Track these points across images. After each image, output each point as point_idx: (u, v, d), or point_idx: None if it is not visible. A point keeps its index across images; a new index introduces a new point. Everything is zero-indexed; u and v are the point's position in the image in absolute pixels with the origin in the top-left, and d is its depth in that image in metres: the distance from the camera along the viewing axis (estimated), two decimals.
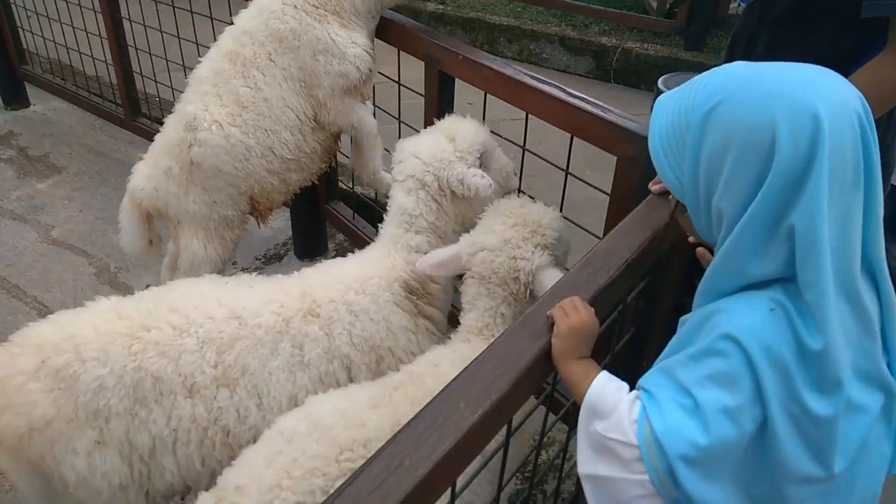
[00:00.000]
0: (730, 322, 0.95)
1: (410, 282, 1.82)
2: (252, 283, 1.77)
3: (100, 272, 3.12)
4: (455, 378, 1.01)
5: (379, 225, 1.96)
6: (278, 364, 1.64)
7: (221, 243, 2.40)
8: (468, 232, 1.77)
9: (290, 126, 2.28)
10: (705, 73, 1.01)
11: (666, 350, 1.08)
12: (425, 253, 1.82)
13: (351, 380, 1.72)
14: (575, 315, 1.09)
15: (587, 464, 1.03)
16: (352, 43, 2.21)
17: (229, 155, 2.24)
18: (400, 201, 1.86)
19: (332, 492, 0.87)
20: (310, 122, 2.32)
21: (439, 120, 1.98)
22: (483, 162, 1.90)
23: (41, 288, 3.02)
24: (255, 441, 1.49)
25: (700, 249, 1.32)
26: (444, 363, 1.57)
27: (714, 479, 0.95)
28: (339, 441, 1.36)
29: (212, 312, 1.64)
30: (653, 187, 1.44)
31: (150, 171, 2.30)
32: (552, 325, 1.10)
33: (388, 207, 1.93)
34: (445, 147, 1.83)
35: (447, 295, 1.94)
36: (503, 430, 1.10)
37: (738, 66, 0.98)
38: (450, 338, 1.73)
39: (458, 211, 1.87)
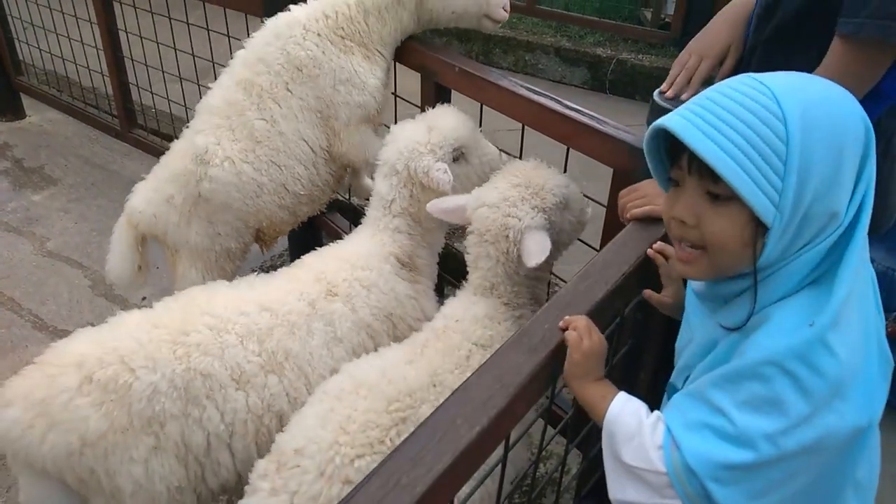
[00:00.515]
0: (769, 344, 0.93)
1: (401, 256, 1.94)
2: (261, 281, 1.86)
3: (95, 284, 3.11)
4: (452, 393, 1.00)
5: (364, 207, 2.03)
6: (316, 343, 1.73)
7: (221, 274, 2.36)
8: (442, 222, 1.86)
9: (304, 160, 2.24)
10: (746, 83, 0.94)
11: (696, 370, 1.07)
12: (408, 234, 1.94)
13: (375, 348, 1.80)
14: (588, 340, 1.10)
15: (616, 489, 1.03)
16: (372, 75, 2.17)
17: (240, 192, 2.20)
18: (377, 185, 1.96)
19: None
20: (324, 154, 2.28)
21: None
22: (462, 155, 1.94)
23: (36, 301, 3.01)
24: None
25: (647, 291, 1.33)
26: (466, 318, 1.66)
27: (762, 495, 0.94)
28: (387, 394, 1.44)
29: (243, 309, 1.71)
30: (632, 212, 1.42)
31: (151, 195, 2.25)
32: (563, 347, 1.10)
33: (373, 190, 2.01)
34: (420, 138, 1.88)
35: (433, 268, 2.05)
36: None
37: (782, 75, 0.95)
38: (457, 291, 1.81)
39: (429, 199, 1.89)
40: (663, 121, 0.96)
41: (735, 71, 1.73)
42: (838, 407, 0.91)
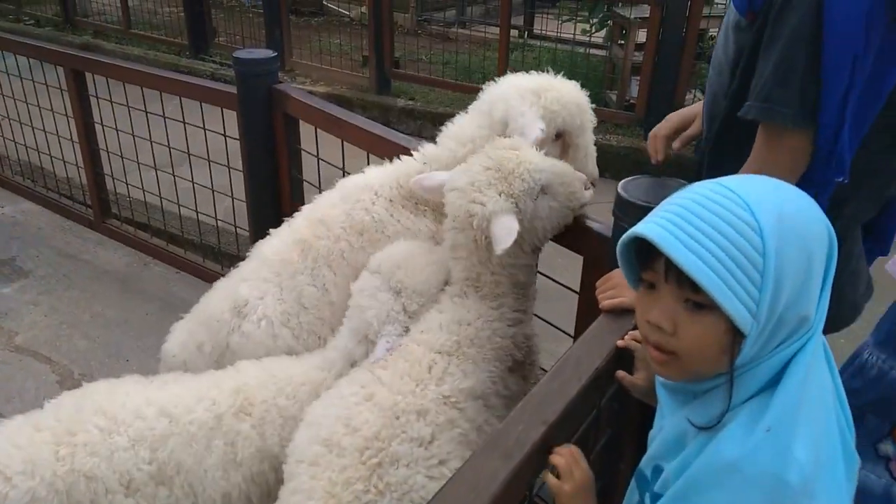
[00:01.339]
0: (729, 450, 0.93)
1: None
2: (178, 381, 1.76)
3: (63, 379, 3.02)
4: None
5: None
6: (213, 462, 1.63)
7: None
8: None
9: None
10: (717, 191, 0.94)
11: (668, 469, 1.05)
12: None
13: (278, 481, 1.65)
14: (576, 474, 1.12)
15: None
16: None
17: (270, 354, 1.97)
18: (349, 340, 1.82)
19: None
20: None
21: None
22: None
23: (0, 398, 2.91)
24: None
25: (620, 373, 1.32)
26: (431, 327, 1.64)
27: None
28: (356, 445, 1.46)
29: (141, 412, 1.61)
30: (603, 304, 1.43)
31: (185, 338, 2.08)
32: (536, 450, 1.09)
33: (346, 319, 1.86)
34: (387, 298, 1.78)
35: None
36: None
37: (749, 182, 0.96)
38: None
39: None
40: (640, 229, 0.95)
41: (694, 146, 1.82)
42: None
